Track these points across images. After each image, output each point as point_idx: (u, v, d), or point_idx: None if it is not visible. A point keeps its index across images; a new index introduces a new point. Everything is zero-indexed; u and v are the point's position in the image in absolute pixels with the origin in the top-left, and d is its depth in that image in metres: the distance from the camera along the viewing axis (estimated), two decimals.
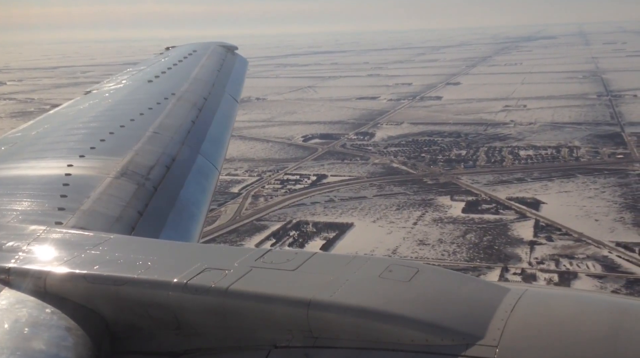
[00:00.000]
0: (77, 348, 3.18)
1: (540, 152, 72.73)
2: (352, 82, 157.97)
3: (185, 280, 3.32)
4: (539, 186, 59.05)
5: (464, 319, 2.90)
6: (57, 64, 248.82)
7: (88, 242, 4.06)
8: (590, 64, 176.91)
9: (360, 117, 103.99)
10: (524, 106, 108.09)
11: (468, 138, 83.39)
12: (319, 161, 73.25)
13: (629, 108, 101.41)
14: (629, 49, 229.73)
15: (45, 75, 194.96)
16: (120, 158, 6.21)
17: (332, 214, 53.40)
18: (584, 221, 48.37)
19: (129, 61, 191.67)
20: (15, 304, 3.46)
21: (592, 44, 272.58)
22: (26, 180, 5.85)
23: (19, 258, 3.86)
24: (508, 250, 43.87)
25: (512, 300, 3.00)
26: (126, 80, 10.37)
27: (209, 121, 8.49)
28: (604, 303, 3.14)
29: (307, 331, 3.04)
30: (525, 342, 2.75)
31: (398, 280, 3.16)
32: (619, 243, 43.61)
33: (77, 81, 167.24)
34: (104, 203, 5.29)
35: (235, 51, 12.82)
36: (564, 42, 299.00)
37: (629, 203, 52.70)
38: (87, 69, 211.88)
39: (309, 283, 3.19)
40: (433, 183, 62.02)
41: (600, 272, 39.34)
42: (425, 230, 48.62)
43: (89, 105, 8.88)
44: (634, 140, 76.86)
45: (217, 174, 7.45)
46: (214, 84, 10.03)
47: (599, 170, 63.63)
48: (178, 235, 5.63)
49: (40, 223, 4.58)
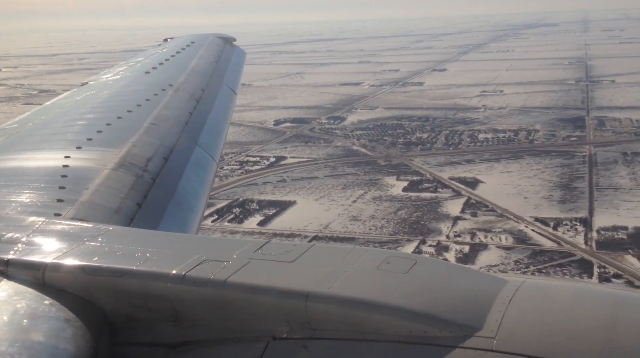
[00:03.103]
0: (75, 340, 3.20)
1: (499, 135, 74.64)
2: (341, 68, 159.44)
3: (183, 271, 3.35)
4: (484, 166, 61.08)
5: (462, 311, 2.92)
6: (57, 51, 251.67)
7: (87, 234, 4.08)
8: (580, 51, 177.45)
9: (338, 102, 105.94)
10: (500, 92, 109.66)
11: (435, 122, 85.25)
12: (283, 144, 75.52)
13: (602, 93, 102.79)
14: (624, 36, 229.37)
15: (41, 62, 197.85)
16: (117, 150, 6.21)
17: (279, 193, 55.76)
18: (513, 199, 50.44)
19: (129, 48, 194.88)
20: (13, 296, 3.47)
21: (591, 31, 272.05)
22: (24, 172, 5.84)
23: (17, 250, 3.86)
24: (432, 224, 46.09)
25: (510, 291, 3.02)
26: (123, 71, 10.38)
27: (206, 112, 8.47)
28: (602, 294, 3.18)
29: (305, 323, 3.06)
30: (523, 333, 2.76)
31: (396, 271, 3.18)
32: (537, 218, 45.72)
33: (72, 68, 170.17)
34: (103, 195, 5.29)
35: (234, 42, 12.83)
36: (564, 29, 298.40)
37: (564, 182, 54.68)
38: (84, 56, 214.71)
39: (307, 274, 3.23)
40: (385, 164, 64.19)
41: (510, 244, 41.51)
42: (362, 207, 50.87)
43: (86, 96, 8.84)
44: (594, 124, 78.60)
45: (215, 166, 7.50)
46: (212, 76, 10.02)
47: (547, 152, 65.54)
48: (176, 227, 5.64)
49: (38, 214, 4.59)
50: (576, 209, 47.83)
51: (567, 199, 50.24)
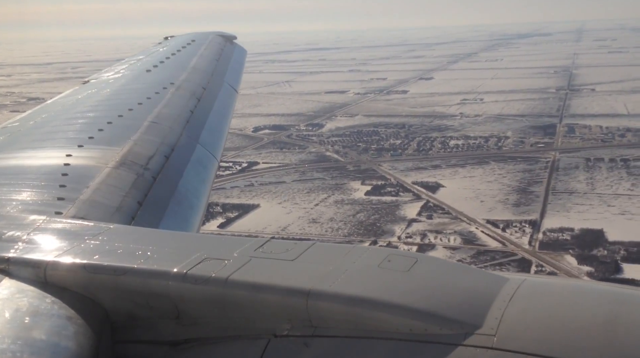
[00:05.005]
0: (77, 338, 3.23)
1: (469, 141, 76.11)
2: (330, 77, 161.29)
3: (185, 269, 3.38)
4: (449, 171, 62.48)
5: (463, 308, 2.93)
6: (53, 60, 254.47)
7: (88, 232, 4.10)
8: (568, 60, 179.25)
9: (320, 109, 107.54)
10: (480, 100, 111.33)
11: (410, 129, 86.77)
12: (259, 150, 77.02)
13: (579, 101, 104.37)
14: (615, 45, 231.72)
15: (35, 71, 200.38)
16: (119, 148, 6.23)
17: (245, 197, 57.14)
18: (469, 202, 51.81)
19: (125, 57, 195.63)
20: (15, 294, 3.51)
21: (583, 41, 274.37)
22: (25, 170, 5.87)
23: (19, 248, 3.89)
24: (387, 226, 47.45)
25: (511, 289, 3.05)
26: (124, 69, 10.37)
27: (207, 110, 8.49)
28: (603, 292, 3.19)
29: (306, 320, 3.09)
30: (523, 331, 2.78)
31: (397, 269, 3.21)
32: (489, 220, 47.11)
33: (65, 76, 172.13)
34: (104, 193, 5.32)
35: (234, 41, 12.86)
36: (557, 39, 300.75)
37: (522, 186, 56.07)
38: (78, 65, 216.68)
39: (308, 273, 3.25)
40: (354, 170, 65.60)
41: (457, 245, 42.90)
42: (323, 210, 52.22)
43: (87, 95, 8.86)
44: (564, 131, 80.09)
45: (216, 164, 7.51)
46: (213, 74, 10.01)
47: (513, 158, 66.99)
48: (177, 225, 5.67)
49: (39, 213, 4.60)
50: (528, 212, 49.18)
51: (521, 202, 51.60)
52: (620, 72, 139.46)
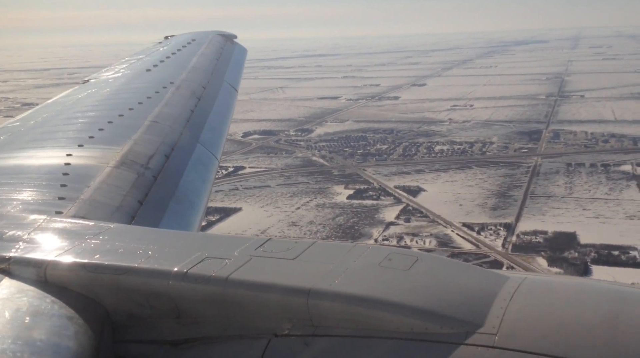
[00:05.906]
0: (78, 337, 3.24)
1: (454, 147, 76.89)
2: (324, 83, 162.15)
3: (185, 269, 3.39)
4: (432, 176, 63.24)
5: (464, 307, 2.93)
6: (50, 66, 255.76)
7: (88, 231, 4.11)
8: (561, 67, 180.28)
9: (311, 115, 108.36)
10: (470, 106, 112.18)
11: (398, 134, 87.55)
12: (246, 155, 77.73)
13: (568, 108, 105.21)
14: (610, 52, 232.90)
15: (31, 76, 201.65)
16: (119, 147, 6.25)
17: (228, 200, 57.86)
18: (448, 206, 52.53)
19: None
20: (15, 293, 3.51)
21: (578, 48, 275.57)
22: (25, 170, 5.88)
23: (19, 248, 3.89)
24: (365, 229, 48.17)
25: (512, 288, 3.05)
26: (124, 69, 10.36)
27: (208, 109, 8.49)
28: (604, 290, 3.19)
29: (307, 320, 3.09)
30: (524, 329, 2.78)
31: (398, 268, 3.21)
32: (465, 223, 47.84)
33: (61, 82, 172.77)
34: (104, 193, 5.34)
35: (235, 40, 12.93)
36: (553, 46, 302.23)
37: (501, 191, 56.81)
38: (75, 71, 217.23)
39: (308, 272, 3.25)
40: (338, 174, 66.36)
41: (432, 247, 43.66)
42: (304, 213, 52.95)
43: (87, 94, 8.86)
44: (549, 136, 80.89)
45: (216, 164, 7.57)
46: (213, 73, 10.01)
47: (496, 163, 67.74)
48: (178, 224, 5.66)
49: (40, 212, 4.62)
50: (505, 215, 49.90)
51: (499, 206, 52.33)
52: (612, 79, 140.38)
